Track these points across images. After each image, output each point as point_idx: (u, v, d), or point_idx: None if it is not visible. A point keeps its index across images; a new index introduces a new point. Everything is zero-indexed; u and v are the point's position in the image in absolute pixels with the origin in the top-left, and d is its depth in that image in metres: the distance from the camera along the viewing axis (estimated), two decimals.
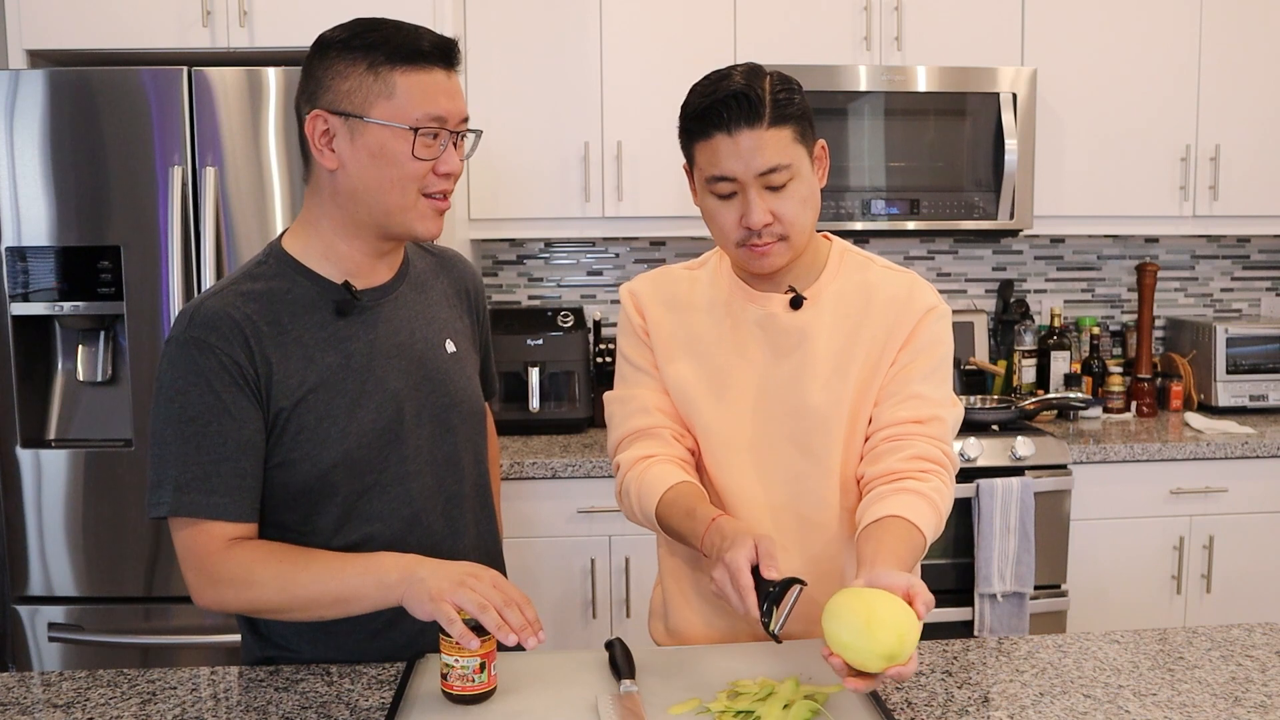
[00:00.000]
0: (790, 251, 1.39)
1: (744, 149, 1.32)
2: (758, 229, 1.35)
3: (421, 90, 1.29)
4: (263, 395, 1.31)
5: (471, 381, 1.52)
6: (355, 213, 1.34)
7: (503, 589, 1.23)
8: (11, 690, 1.33)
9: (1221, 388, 3.19)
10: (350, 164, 1.31)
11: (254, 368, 1.30)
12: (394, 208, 1.32)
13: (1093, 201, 3.06)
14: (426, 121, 1.29)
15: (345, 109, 1.30)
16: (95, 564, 2.49)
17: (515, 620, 1.19)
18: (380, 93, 1.28)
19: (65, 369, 2.57)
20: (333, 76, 1.30)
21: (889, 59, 2.96)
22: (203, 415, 1.28)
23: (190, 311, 1.31)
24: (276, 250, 1.39)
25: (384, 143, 1.29)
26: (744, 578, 1.19)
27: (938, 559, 2.72)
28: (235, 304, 1.32)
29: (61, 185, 2.42)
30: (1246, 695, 1.27)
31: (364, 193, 1.32)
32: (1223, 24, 3.03)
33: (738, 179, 1.34)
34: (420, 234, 1.36)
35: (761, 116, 1.32)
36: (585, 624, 2.73)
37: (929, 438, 1.40)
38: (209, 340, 1.28)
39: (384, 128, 1.29)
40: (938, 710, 1.24)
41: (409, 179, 1.31)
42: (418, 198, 1.32)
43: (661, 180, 2.91)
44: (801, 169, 1.36)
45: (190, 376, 1.28)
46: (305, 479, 1.34)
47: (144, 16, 2.59)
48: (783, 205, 1.35)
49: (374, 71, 1.28)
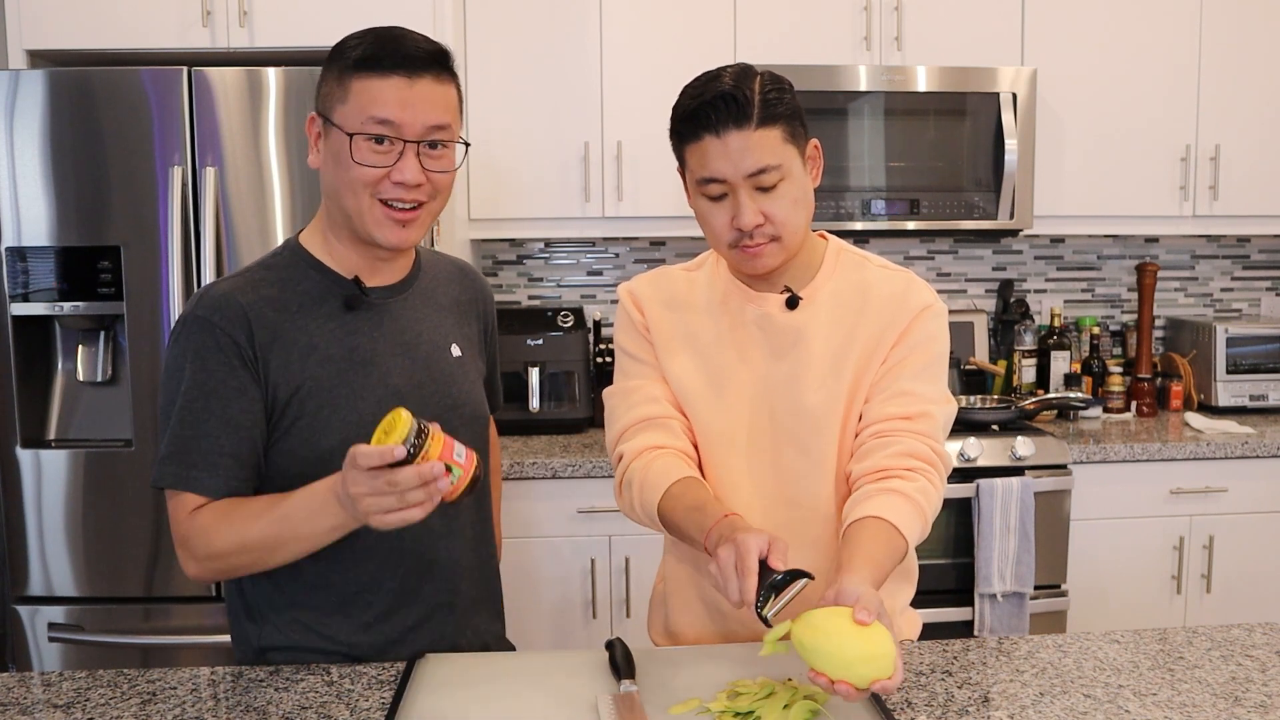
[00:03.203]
0: (783, 252, 1.39)
1: (732, 150, 1.32)
2: (749, 230, 1.35)
3: (369, 96, 1.30)
4: (262, 376, 1.34)
5: (475, 386, 1.53)
6: (332, 211, 1.39)
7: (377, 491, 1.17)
8: (11, 690, 1.33)
9: (1221, 388, 3.19)
10: (324, 164, 1.37)
11: (253, 349, 1.33)
12: (351, 210, 1.35)
13: (1093, 201, 3.06)
14: (370, 126, 1.30)
15: (321, 111, 1.36)
16: (95, 564, 2.49)
17: (420, 496, 1.17)
18: (339, 97, 1.33)
19: (65, 369, 2.57)
20: (323, 80, 1.36)
21: (889, 59, 2.96)
22: (190, 391, 1.32)
23: (201, 294, 1.37)
24: (293, 244, 1.44)
25: (338, 146, 1.33)
26: (751, 560, 1.18)
27: (938, 559, 2.72)
28: (244, 289, 1.37)
29: (61, 185, 2.42)
30: (1246, 695, 1.27)
31: (333, 193, 1.37)
32: (1223, 24, 3.03)
33: (727, 180, 1.34)
34: (380, 241, 1.36)
35: (749, 117, 1.31)
36: (585, 624, 2.73)
37: (918, 434, 1.39)
38: (212, 319, 1.33)
39: (336, 131, 1.32)
40: (938, 710, 1.24)
41: (358, 183, 1.33)
42: (372, 203, 1.34)
43: (661, 180, 2.91)
44: (792, 169, 1.35)
45: (188, 353, 1.33)
46: (303, 465, 1.35)
47: (144, 16, 2.59)
48: (774, 206, 1.35)
49: (339, 76, 1.33)
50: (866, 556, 1.25)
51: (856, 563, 1.24)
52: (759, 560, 1.19)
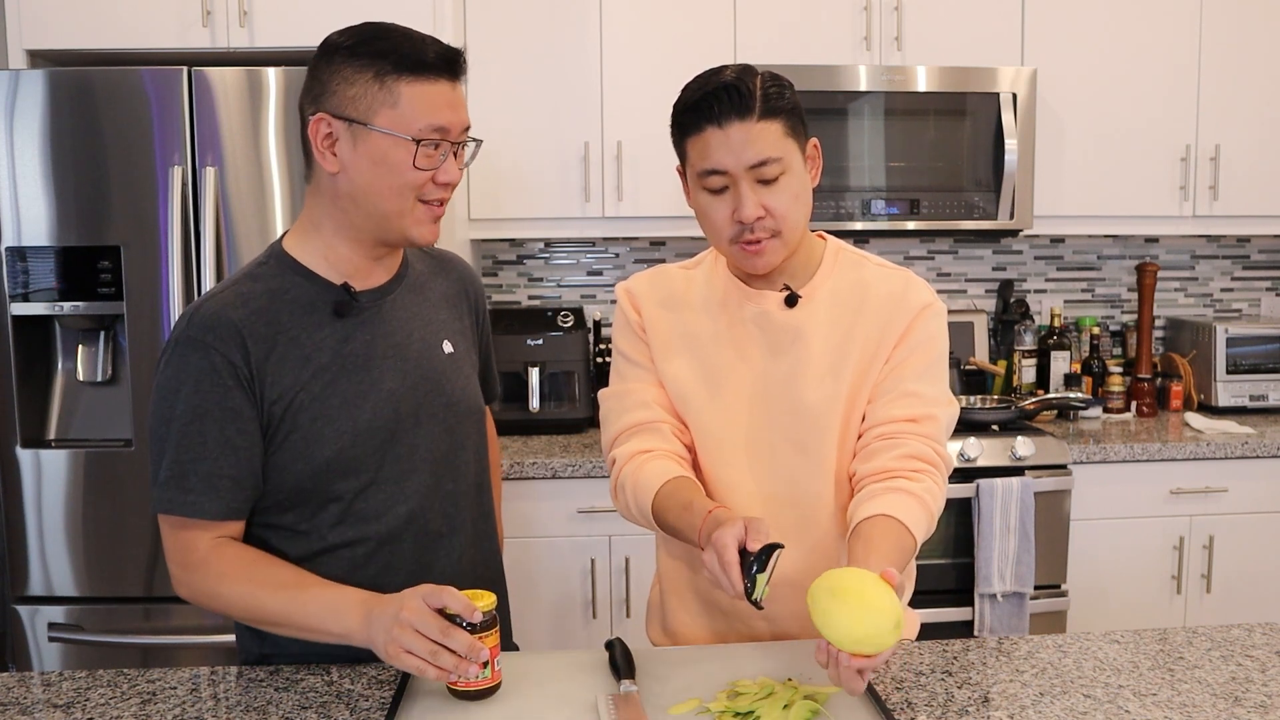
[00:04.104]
0: (784, 248, 1.39)
1: (735, 141, 1.33)
2: (750, 223, 1.35)
3: (426, 101, 1.30)
4: (258, 395, 1.32)
5: (470, 382, 1.52)
6: (354, 216, 1.36)
7: (426, 631, 1.20)
8: (11, 690, 1.33)
9: (1221, 388, 3.19)
10: (351, 168, 1.32)
11: (249, 368, 1.31)
12: (391, 213, 1.33)
13: (1093, 201, 3.06)
14: (429, 133, 1.30)
15: (349, 114, 1.30)
16: (95, 564, 2.49)
17: (449, 663, 1.19)
18: (385, 101, 1.29)
19: (65, 369, 2.57)
20: (338, 81, 1.31)
21: (889, 59, 2.96)
22: (185, 415, 1.30)
23: (190, 313, 1.33)
24: (277, 251, 1.41)
25: (386, 151, 1.30)
26: (729, 554, 1.20)
27: (938, 559, 2.72)
28: (233, 304, 1.33)
29: (61, 185, 2.42)
30: (1246, 695, 1.27)
31: (362, 197, 1.33)
32: (1223, 24, 3.03)
33: (729, 172, 1.34)
34: (416, 239, 1.36)
35: (752, 109, 1.32)
36: (585, 624, 2.73)
37: (922, 436, 1.40)
38: (205, 340, 1.30)
39: (386, 136, 1.29)
40: (938, 710, 1.24)
41: (408, 187, 1.32)
42: (415, 204, 1.33)
43: (661, 180, 2.91)
44: (793, 164, 1.36)
45: (181, 376, 1.30)
46: (299, 478, 1.35)
47: (144, 16, 2.59)
48: (774, 199, 1.35)
49: (380, 80, 1.29)
50: (881, 553, 1.26)
51: (874, 558, 1.25)
52: (739, 550, 1.21)
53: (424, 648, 1.18)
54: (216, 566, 1.31)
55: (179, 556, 1.33)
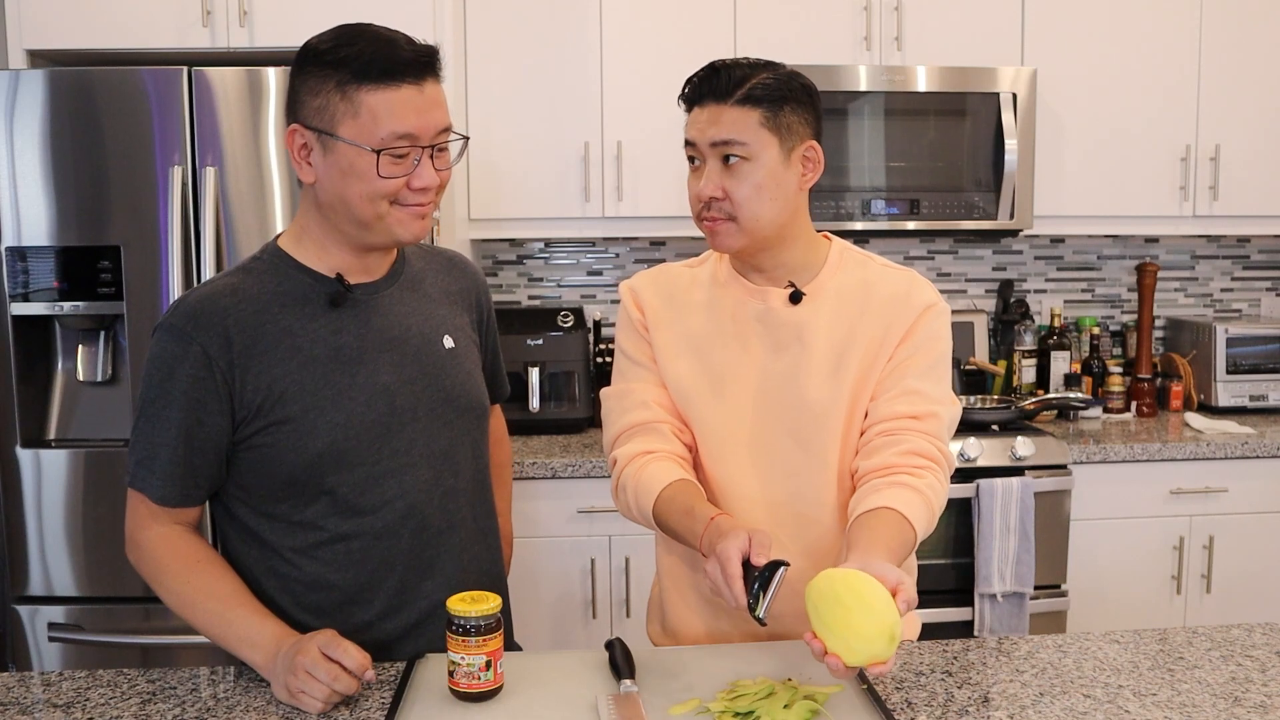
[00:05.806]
0: (742, 235, 1.40)
1: (704, 119, 1.39)
2: (705, 199, 1.39)
3: (387, 109, 1.28)
4: (236, 386, 1.33)
5: (471, 377, 1.52)
6: (336, 221, 1.36)
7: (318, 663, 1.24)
8: (11, 690, 1.33)
9: (1221, 388, 3.19)
10: (324, 178, 1.33)
11: (229, 357, 1.32)
12: (367, 219, 1.33)
13: (1093, 201, 3.06)
14: (392, 141, 1.28)
15: (317, 125, 1.30)
16: (95, 564, 2.49)
17: (345, 687, 1.24)
18: (347, 112, 1.28)
19: (65, 369, 2.57)
20: (306, 92, 1.31)
21: (889, 59, 2.96)
22: (157, 400, 1.33)
23: (177, 301, 1.36)
24: (272, 248, 1.42)
25: (352, 160, 1.30)
26: (732, 566, 1.20)
27: (938, 559, 2.72)
28: (223, 293, 1.35)
29: (61, 185, 2.42)
30: (1246, 695, 1.27)
31: (340, 204, 1.33)
32: (1223, 24, 3.03)
33: (697, 145, 1.39)
34: (402, 238, 1.36)
35: (729, 93, 1.37)
36: (585, 624, 2.73)
37: (925, 434, 1.40)
38: (185, 329, 1.32)
39: (351, 146, 1.29)
40: (938, 710, 1.24)
41: (378, 195, 1.31)
42: (390, 208, 1.33)
43: (661, 180, 2.91)
44: (763, 155, 1.37)
45: (157, 362, 1.33)
46: (293, 468, 1.35)
47: (144, 16, 2.59)
48: (734, 184, 1.37)
49: (341, 89, 1.28)
50: (883, 544, 1.26)
51: (877, 549, 1.25)
52: (743, 562, 1.21)
53: (320, 687, 1.23)
54: (162, 556, 1.36)
55: (130, 523, 1.38)
